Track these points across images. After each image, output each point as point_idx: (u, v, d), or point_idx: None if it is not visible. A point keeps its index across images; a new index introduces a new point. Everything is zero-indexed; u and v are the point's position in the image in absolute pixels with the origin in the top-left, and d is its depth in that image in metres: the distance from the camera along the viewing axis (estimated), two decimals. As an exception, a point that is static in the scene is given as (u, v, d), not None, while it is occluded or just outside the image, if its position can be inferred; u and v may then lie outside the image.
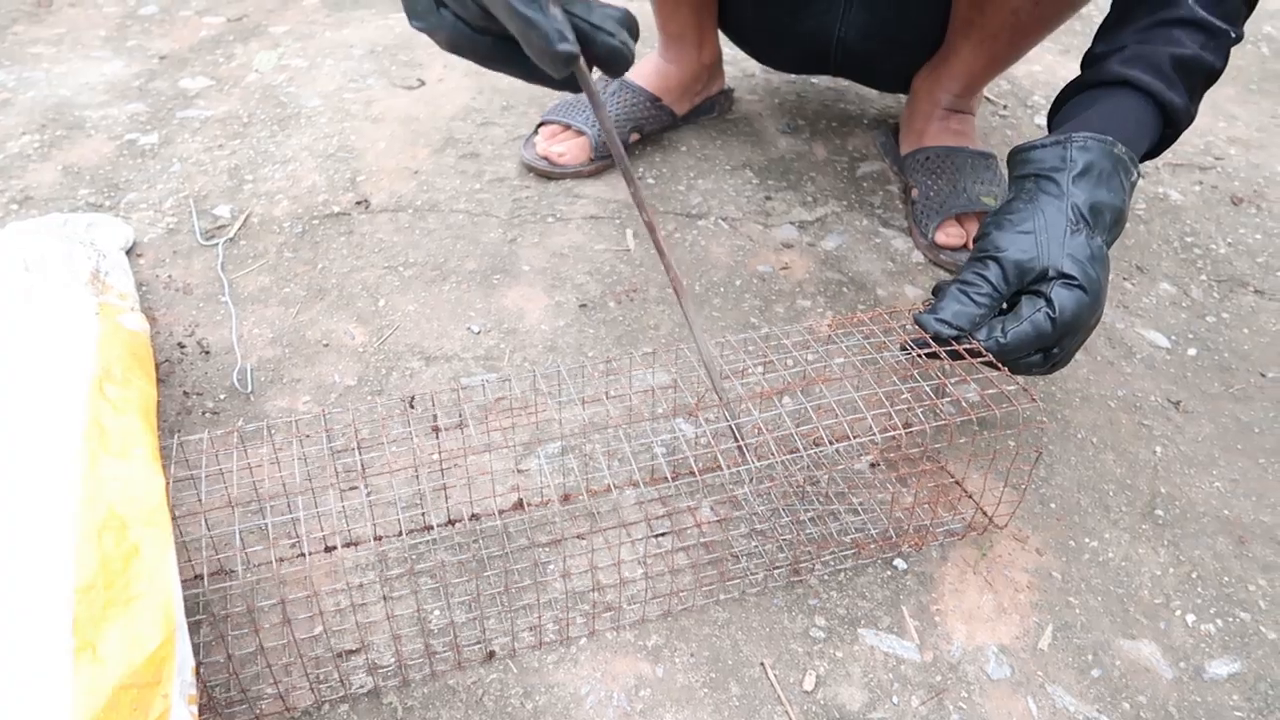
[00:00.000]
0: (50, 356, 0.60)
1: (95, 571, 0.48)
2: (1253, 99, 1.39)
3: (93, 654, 0.45)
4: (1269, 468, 0.80)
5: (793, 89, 1.31)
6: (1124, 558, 0.72)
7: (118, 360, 0.63)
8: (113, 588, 0.48)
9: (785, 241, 1.02)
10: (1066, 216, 0.70)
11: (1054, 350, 0.69)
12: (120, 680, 0.45)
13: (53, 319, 0.65)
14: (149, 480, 0.54)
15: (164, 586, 0.49)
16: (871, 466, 0.77)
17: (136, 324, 0.73)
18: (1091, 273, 0.68)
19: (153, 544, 0.50)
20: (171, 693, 0.47)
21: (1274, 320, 0.96)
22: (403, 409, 0.79)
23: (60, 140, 1.14)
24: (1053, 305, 0.67)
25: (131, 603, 0.48)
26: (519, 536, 0.71)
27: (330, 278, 0.95)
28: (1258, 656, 0.67)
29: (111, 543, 0.49)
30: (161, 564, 0.50)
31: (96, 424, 0.55)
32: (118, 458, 0.54)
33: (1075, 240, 0.69)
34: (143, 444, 0.56)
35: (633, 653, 0.65)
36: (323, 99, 1.24)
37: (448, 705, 0.61)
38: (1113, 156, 0.72)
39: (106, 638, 0.46)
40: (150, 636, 0.47)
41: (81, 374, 0.59)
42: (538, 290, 0.94)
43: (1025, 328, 0.67)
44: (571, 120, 1.10)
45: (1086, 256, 0.68)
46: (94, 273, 0.78)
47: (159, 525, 0.52)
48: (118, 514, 0.51)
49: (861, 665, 0.65)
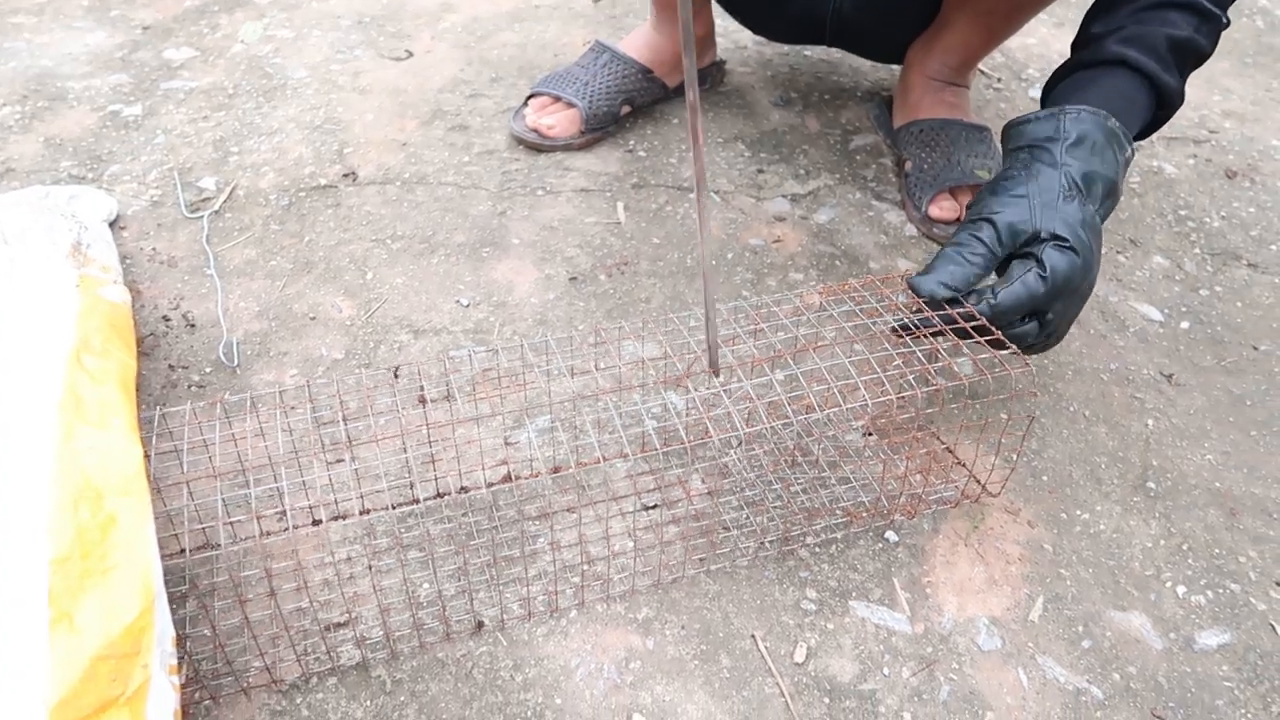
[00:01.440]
0: (28, 328, 0.59)
1: (71, 542, 0.47)
2: (1248, 72, 1.38)
3: (69, 625, 0.45)
4: (1260, 440, 0.80)
5: (785, 61, 1.30)
6: (1115, 530, 0.72)
7: (97, 331, 0.62)
8: (89, 558, 0.47)
9: (777, 215, 1.01)
10: (1060, 183, 0.69)
11: (1047, 316, 0.68)
12: (98, 651, 0.45)
13: (32, 291, 0.64)
14: (126, 450, 0.53)
15: (142, 557, 0.49)
16: (865, 435, 0.77)
17: (118, 296, 0.72)
18: (1083, 236, 0.68)
19: (130, 514, 0.50)
20: (151, 663, 0.47)
21: (1267, 293, 0.96)
22: (389, 381, 0.78)
23: (42, 112, 1.12)
24: (1044, 265, 0.67)
25: (109, 573, 0.47)
26: (508, 509, 0.70)
27: (317, 251, 0.93)
28: (1247, 627, 0.67)
29: (88, 513, 0.48)
30: (139, 534, 0.49)
31: (73, 394, 0.54)
32: (95, 428, 0.53)
33: (1068, 206, 0.69)
34: (120, 414, 0.55)
35: (623, 625, 0.64)
36: (309, 70, 1.22)
37: (436, 678, 0.61)
38: (1106, 129, 0.72)
39: (83, 608, 0.45)
40: (128, 607, 0.47)
41: (59, 345, 0.58)
42: (527, 263, 0.93)
43: (1017, 288, 0.67)
44: (562, 92, 1.08)
45: (1079, 221, 0.68)
46: (75, 245, 0.76)
47: (136, 495, 0.51)
48: (94, 484, 0.50)
49: (852, 637, 0.64)
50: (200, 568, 0.65)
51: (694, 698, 0.60)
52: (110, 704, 0.45)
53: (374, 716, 0.59)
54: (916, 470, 0.73)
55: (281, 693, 0.59)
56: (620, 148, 1.10)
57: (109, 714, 0.45)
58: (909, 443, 0.75)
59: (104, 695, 0.45)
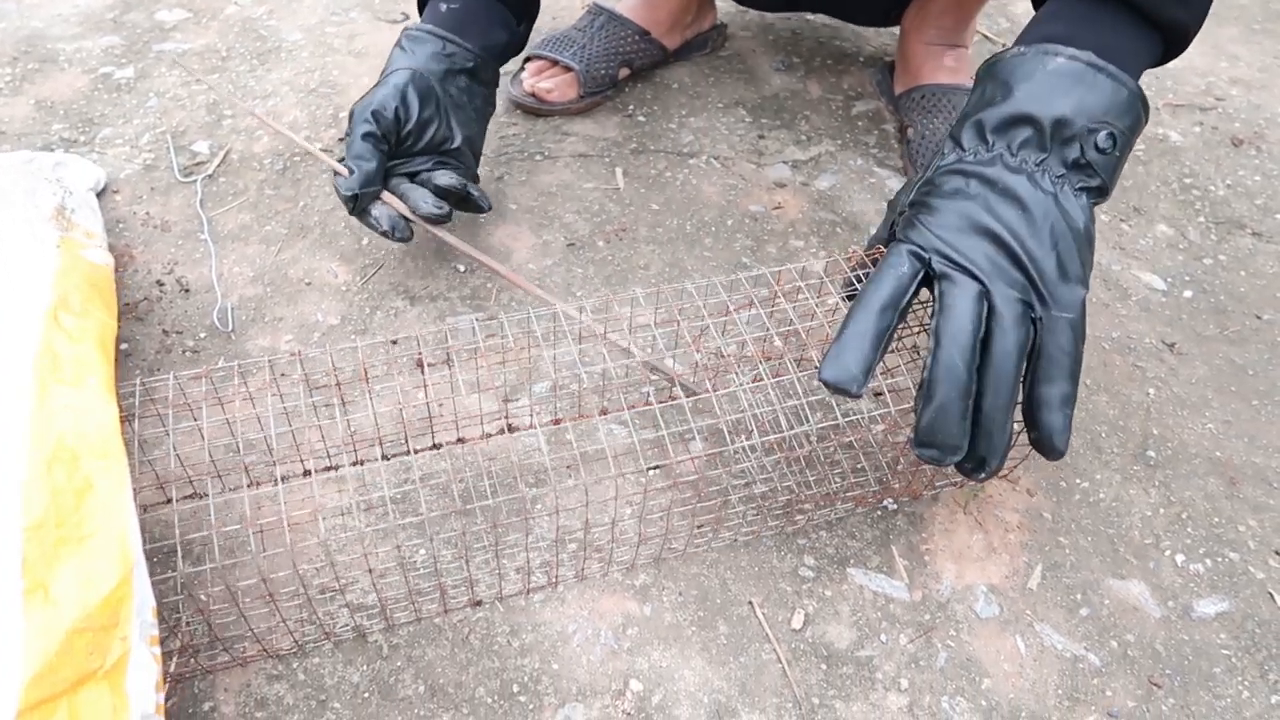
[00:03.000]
0: (5, 285, 0.57)
1: (46, 508, 0.45)
2: (1255, 39, 1.36)
3: (45, 595, 0.43)
4: (1262, 409, 0.80)
5: (787, 26, 1.28)
6: (1115, 498, 0.72)
7: (76, 290, 0.60)
8: (65, 525, 0.45)
9: (778, 181, 1.00)
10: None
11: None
12: (74, 623, 0.43)
13: (10, 250, 0.63)
14: (102, 410, 0.51)
15: (119, 523, 0.47)
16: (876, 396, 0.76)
17: (100, 258, 0.70)
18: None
19: (106, 478, 0.48)
20: (130, 635, 0.45)
21: (1271, 263, 0.95)
22: (386, 348, 0.78)
23: (32, 74, 1.10)
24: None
25: (85, 541, 0.45)
26: (505, 476, 0.70)
27: (312, 215, 0.92)
28: (1245, 596, 0.66)
29: (63, 476, 0.46)
30: (116, 499, 0.47)
31: (50, 351, 0.52)
32: (70, 386, 0.51)
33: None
34: (97, 373, 0.53)
35: (620, 591, 0.64)
36: (304, 33, 1.21)
37: (433, 643, 0.61)
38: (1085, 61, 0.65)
39: (59, 578, 0.44)
40: (106, 576, 0.45)
41: (37, 302, 0.56)
42: (524, 229, 0.92)
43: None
44: (559, 55, 1.06)
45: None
46: (59, 209, 0.75)
47: (113, 458, 0.49)
48: (69, 446, 0.48)
49: (850, 604, 0.64)
50: (191, 532, 0.64)
51: (691, 664, 0.60)
52: (88, 677, 0.43)
53: (371, 681, 0.59)
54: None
55: (278, 658, 0.59)
56: (619, 112, 1.09)
57: (87, 688, 0.43)
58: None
59: (81, 669, 0.43)
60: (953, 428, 0.55)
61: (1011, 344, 0.56)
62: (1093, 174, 0.59)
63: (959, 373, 0.55)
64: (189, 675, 0.58)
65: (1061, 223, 0.58)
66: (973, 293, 0.57)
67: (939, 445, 0.55)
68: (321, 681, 0.58)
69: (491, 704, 0.58)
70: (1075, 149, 0.59)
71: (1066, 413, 0.57)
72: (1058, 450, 0.57)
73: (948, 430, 0.55)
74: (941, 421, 0.55)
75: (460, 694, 0.58)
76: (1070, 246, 0.58)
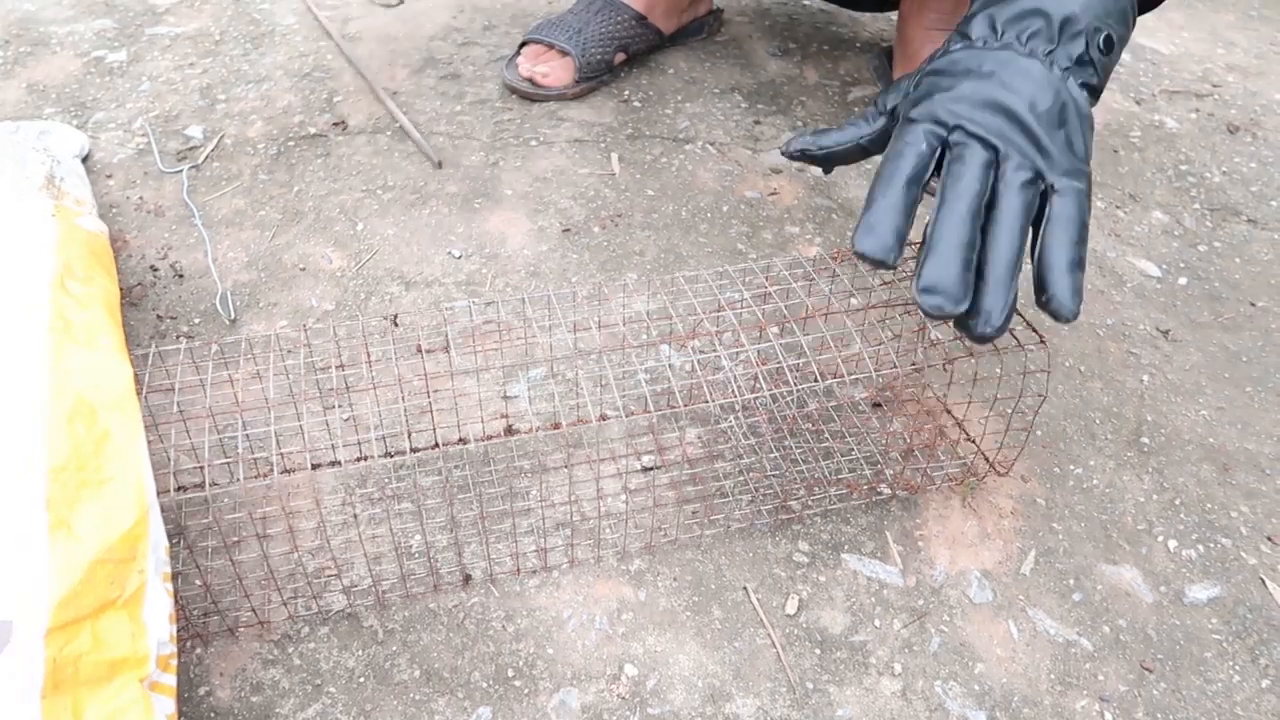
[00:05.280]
0: (9, 257, 0.59)
1: (68, 455, 0.48)
2: (1252, 25, 1.36)
3: (68, 531, 0.46)
4: (1255, 396, 0.80)
5: (784, 11, 1.27)
6: (1108, 484, 0.72)
7: (78, 258, 0.63)
8: (85, 470, 0.48)
9: (774, 167, 1.00)
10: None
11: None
12: (96, 556, 0.46)
13: (8, 222, 0.64)
14: (116, 368, 0.54)
15: (135, 468, 0.50)
16: (874, 407, 0.76)
17: (94, 225, 0.72)
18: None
19: (122, 428, 0.51)
20: (147, 569, 0.48)
21: (1266, 250, 0.95)
22: (386, 329, 0.78)
23: (25, 57, 1.09)
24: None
25: (104, 484, 0.48)
26: (501, 463, 0.70)
27: (307, 201, 0.92)
28: (1237, 581, 0.67)
29: (83, 428, 0.49)
30: (132, 447, 0.50)
31: (61, 318, 0.55)
32: (85, 348, 0.54)
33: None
34: (108, 334, 0.56)
35: (615, 577, 0.64)
36: (298, 16, 1.20)
37: (429, 628, 0.61)
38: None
39: (81, 516, 0.47)
40: (124, 516, 0.48)
41: (43, 272, 0.59)
42: (520, 215, 0.92)
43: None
44: (555, 40, 1.06)
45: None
46: (49, 178, 0.76)
47: (128, 411, 0.52)
48: (87, 400, 0.51)
49: (844, 589, 0.65)
50: (191, 518, 0.64)
51: (685, 649, 0.61)
52: (109, 605, 0.46)
53: (366, 665, 0.59)
54: (921, 445, 0.72)
55: (273, 641, 0.59)
56: (615, 97, 1.08)
57: (108, 614, 0.46)
58: (915, 416, 0.74)
59: (103, 597, 0.46)
60: (955, 275, 0.55)
61: (1018, 204, 0.57)
62: (1094, 72, 0.61)
63: (963, 225, 0.56)
64: (185, 641, 0.58)
65: (1071, 104, 0.60)
66: (982, 158, 0.58)
67: (941, 291, 0.55)
68: (317, 666, 0.59)
69: (487, 688, 0.58)
70: (1081, 45, 0.60)
71: (1077, 275, 0.57)
72: (1068, 311, 0.56)
73: (950, 277, 0.55)
74: (944, 269, 0.55)
75: (455, 678, 0.59)
76: (1078, 127, 0.60)
